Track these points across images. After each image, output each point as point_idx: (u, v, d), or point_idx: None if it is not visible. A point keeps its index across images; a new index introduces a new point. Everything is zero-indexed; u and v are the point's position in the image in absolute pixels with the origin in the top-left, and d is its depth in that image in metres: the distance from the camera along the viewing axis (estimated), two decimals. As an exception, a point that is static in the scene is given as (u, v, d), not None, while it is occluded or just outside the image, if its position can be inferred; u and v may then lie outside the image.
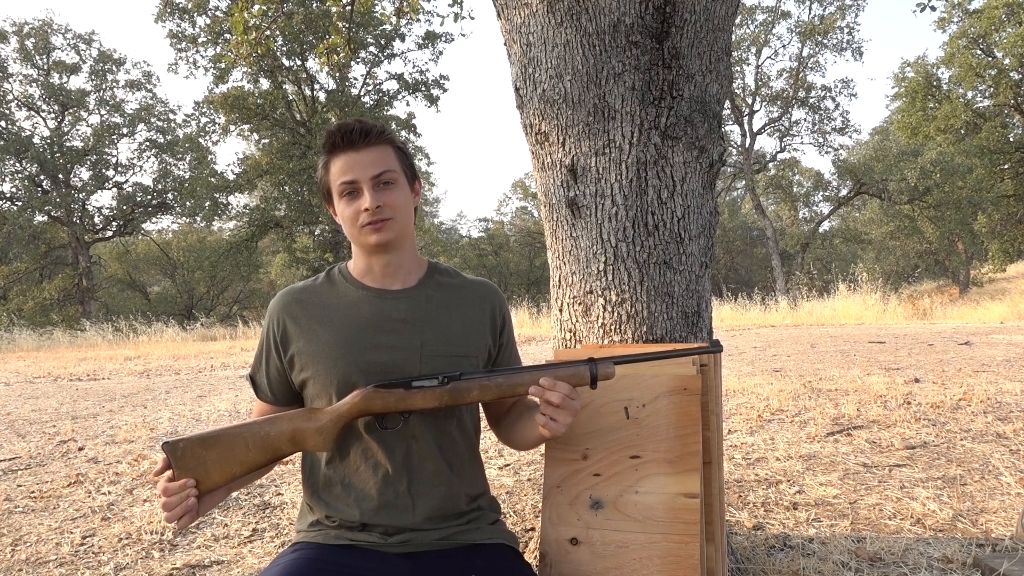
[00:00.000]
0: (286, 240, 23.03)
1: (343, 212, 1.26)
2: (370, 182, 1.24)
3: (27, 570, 2.20)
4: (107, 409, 5.37)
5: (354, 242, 1.30)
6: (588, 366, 1.21)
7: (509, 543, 1.33)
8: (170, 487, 1.10)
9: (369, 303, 1.30)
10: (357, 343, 1.26)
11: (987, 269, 23.44)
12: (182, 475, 1.12)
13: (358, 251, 1.32)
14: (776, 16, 24.75)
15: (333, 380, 1.24)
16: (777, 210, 32.49)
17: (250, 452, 1.16)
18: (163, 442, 1.13)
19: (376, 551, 1.23)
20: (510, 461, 3.20)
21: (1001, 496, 2.44)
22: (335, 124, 1.28)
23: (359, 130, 1.25)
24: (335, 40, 4.69)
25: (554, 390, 1.18)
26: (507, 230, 34.79)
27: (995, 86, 20.98)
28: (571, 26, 1.70)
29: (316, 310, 1.30)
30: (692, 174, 1.74)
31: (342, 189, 1.25)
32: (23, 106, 23.07)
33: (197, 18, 19.91)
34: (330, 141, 1.26)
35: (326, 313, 1.29)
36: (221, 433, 1.16)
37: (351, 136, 1.24)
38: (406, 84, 22.55)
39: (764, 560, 1.97)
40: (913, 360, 5.80)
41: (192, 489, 1.12)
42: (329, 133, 1.27)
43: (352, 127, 1.25)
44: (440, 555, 1.25)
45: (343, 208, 1.26)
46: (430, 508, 1.26)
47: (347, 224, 1.27)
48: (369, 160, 1.24)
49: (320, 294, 1.32)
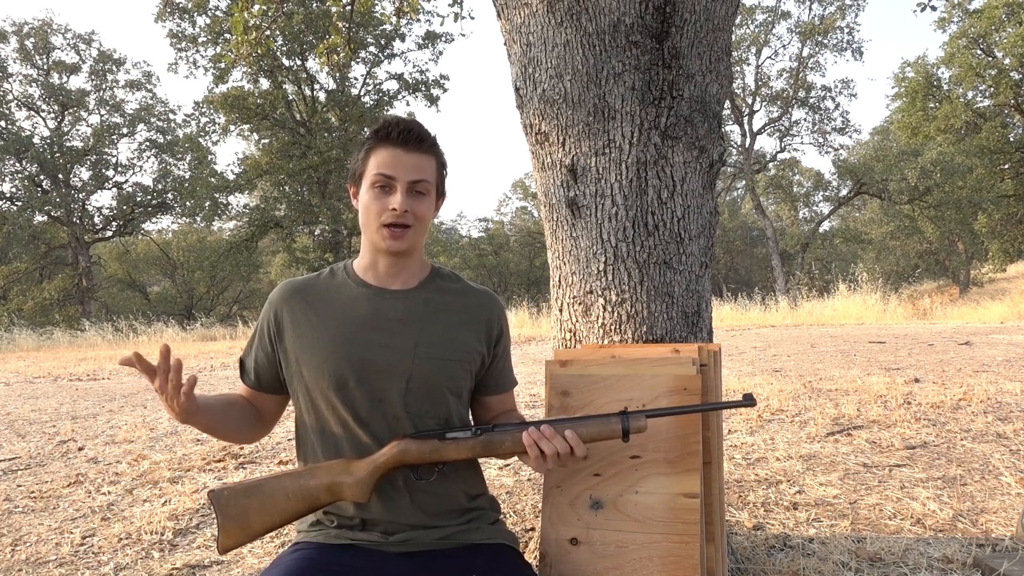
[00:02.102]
0: (286, 240, 23.02)
1: (369, 203, 1.26)
2: (406, 184, 1.25)
3: (27, 570, 2.20)
4: (107, 409, 5.37)
5: (366, 234, 1.30)
6: (620, 419, 1.21)
7: (509, 543, 1.33)
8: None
9: (367, 300, 1.30)
10: (352, 339, 1.26)
11: (987, 269, 23.44)
12: (226, 524, 1.17)
13: (367, 245, 1.32)
14: (776, 16, 24.74)
15: (325, 374, 1.25)
16: (777, 210, 32.49)
17: (290, 502, 1.19)
18: (209, 491, 1.18)
19: (377, 551, 1.23)
20: (510, 461, 3.20)
21: (1001, 496, 2.44)
22: (393, 117, 1.29)
23: (416, 133, 1.26)
24: (335, 40, 4.69)
25: (550, 441, 1.19)
26: (507, 230, 34.79)
27: (995, 86, 20.99)
28: (571, 26, 1.70)
29: (315, 303, 1.30)
30: (692, 174, 1.74)
31: (377, 180, 1.25)
32: (23, 106, 23.07)
33: (197, 18, 19.91)
34: (384, 131, 1.26)
35: (324, 307, 1.30)
36: (263, 483, 1.20)
37: (407, 135, 1.25)
38: (406, 84, 22.55)
39: (764, 560, 1.97)
40: (913, 360, 5.80)
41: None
42: (387, 123, 1.27)
43: (412, 127, 1.26)
44: (440, 555, 1.25)
45: (370, 199, 1.26)
46: (429, 504, 1.26)
47: (368, 215, 1.27)
48: (413, 164, 1.25)
49: (321, 288, 1.33)
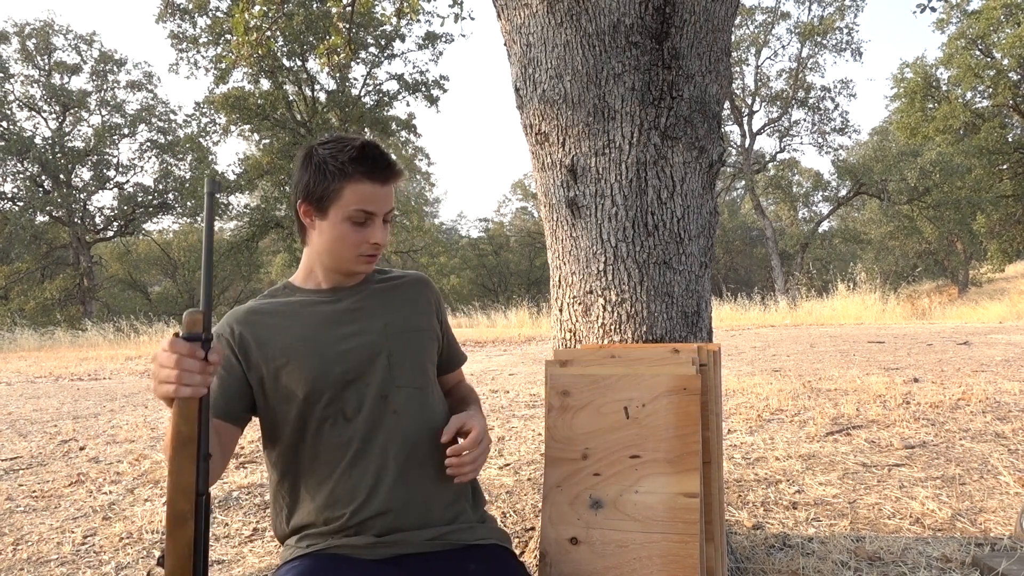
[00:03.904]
0: (286, 240, 23.03)
1: (345, 235, 1.24)
2: (382, 216, 1.26)
3: (28, 569, 2.21)
4: (108, 409, 5.38)
5: (335, 261, 1.29)
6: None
7: (503, 543, 1.33)
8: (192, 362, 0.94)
9: (324, 303, 1.31)
10: (323, 338, 1.27)
11: (986, 269, 23.44)
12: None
13: (321, 267, 1.32)
14: (776, 17, 24.76)
15: (309, 375, 1.24)
16: (777, 210, 32.49)
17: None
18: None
19: (367, 561, 1.21)
20: (510, 461, 3.21)
21: (1000, 495, 2.45)
22: (364, 145, 1.23)
23: (393, 166, 1.25)
24: (335, 41, 4.70)
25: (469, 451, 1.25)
26: (507, 230, 34.80)
27: (994, 87, 20.99)
28: (571, 26, 1.71)
29: (272, 319, 1.29)
30: (692, 174, 1.75)
31: (356, 216, 1.23)
32: (24, 106, 23.09)
33: (198, 19, 19.91)
34: (363, 166, 1.22)
35: (284, 320, 1.29)
36: None
37: (387, 172, 1.24)
38: (406, 84, 22.56)
39: (763, 559, 1.98)
40: (912, 360, 5.81)
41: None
42: (365, 158, 1.22)
43: (388, 160, 1.24)
44: (431, 557, 1.24)
45: (346, 232, 1.24)
46: (425, 497, 1.27)
47: (343, 246, 1.25)
48: (387, 195, 1.26)
49: (271, 307, 1.31)
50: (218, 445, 1.18)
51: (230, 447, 1.24)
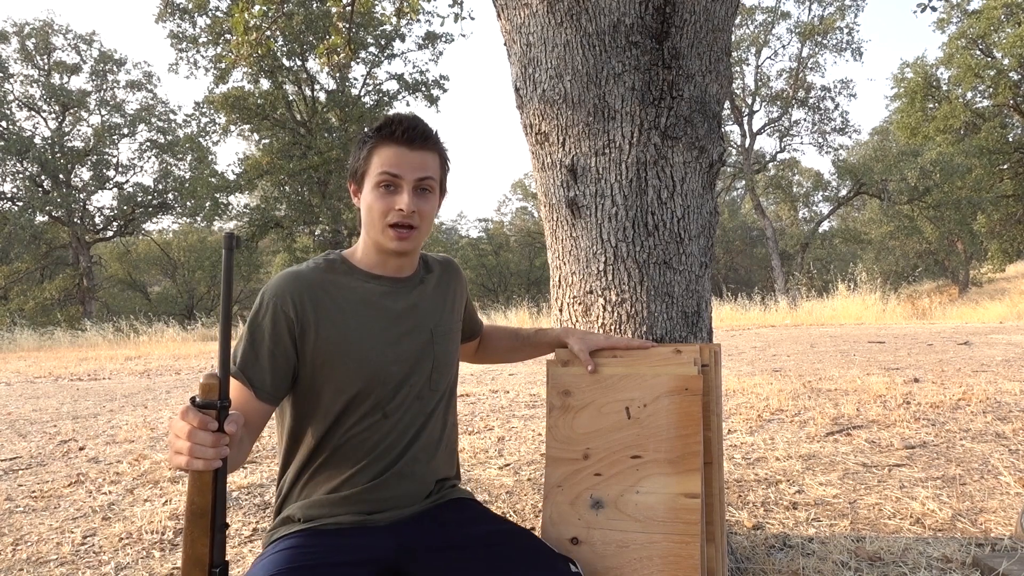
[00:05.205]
0: (286, 240, 23.03)
1: (373, 203, 1.23)
2: (412, 183, 1.23)
3: (28, 569, 2.21)
4: (108, 409, 5.37)
5: (369, 234, 1.27)
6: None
7: (468, 497, 1.39)
8: (205, 435, 0.90)
9: (384, 294, 1.29)
10: (384, 334, 1.25)
11: (986, 269, 23.44)
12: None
13: (370, 244, 1.29)
14: (776, 16, 24.76)
15: (366, 372, 1.22)
16: (777, 210, 32.49)
17: None
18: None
19: (359, 527, 1.23)
20: (510, 461, 3.20)
21: (1000, 496, 2.45)
22: (396, 114, 1.25)
23: (421, 130, 1.24)
24: (335, 40, 4.70)
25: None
26: (507, 230, 34.80)
27: (994, 86, 20.99)
28: (571, 26, 1.71)
29: (335, 297, 1.24)
30: (692, 174, 1.75)
31: (382, 179, 1.22)
32: (24, 106, 23.09)
33: (198, 19, 19.91)
34: (388, 129, 1.23)
35: (342, 303, 1.24)
36: None
37: (412, 133, 1.23)
38: (406, 84, 22.55)
39: (764, 560, 1.97)
40: (912, 360, 5.81)
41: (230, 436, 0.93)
42: (389, 121, 1.24)
43: (416, 125, 1.24)
44: (414, 519, 1.27)
45: (374, 199, 1.23)
46: (420, 487, 1.30)
47: (372, 215, 1.24)
48: (419, 161, 1.24)
49: (331, 282, 1.26)
50: (246, 430, 1.11)
51: (259, 430, 1.17)
